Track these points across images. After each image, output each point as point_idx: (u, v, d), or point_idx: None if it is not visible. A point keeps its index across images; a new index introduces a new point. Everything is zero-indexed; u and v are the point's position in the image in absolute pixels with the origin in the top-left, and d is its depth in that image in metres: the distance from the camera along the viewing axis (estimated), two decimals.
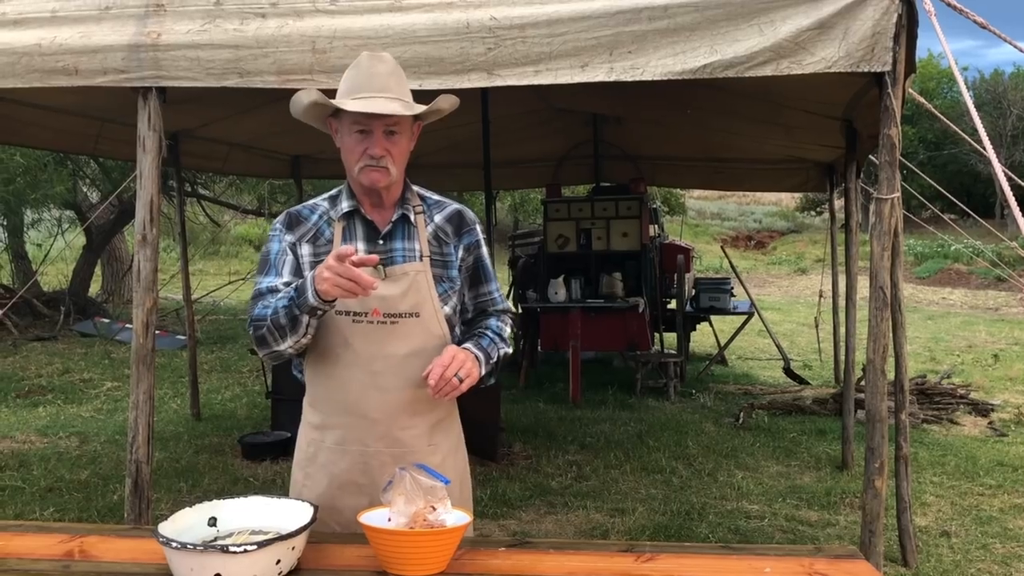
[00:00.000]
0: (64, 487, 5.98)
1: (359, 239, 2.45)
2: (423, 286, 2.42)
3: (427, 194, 2.57)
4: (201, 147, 8.01)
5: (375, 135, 2.34)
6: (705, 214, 43.33)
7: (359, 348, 2.40)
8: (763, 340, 12.78)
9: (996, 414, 8.45)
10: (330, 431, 2.49)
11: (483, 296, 2.60)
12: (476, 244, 2.55)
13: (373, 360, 2.41)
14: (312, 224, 2.48)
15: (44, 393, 9.28)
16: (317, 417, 2.52)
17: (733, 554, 2.23)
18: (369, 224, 2.46)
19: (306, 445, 2.56)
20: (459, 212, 2.56)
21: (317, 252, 2.44)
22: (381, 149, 2.35)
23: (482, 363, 2.40)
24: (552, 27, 3.24)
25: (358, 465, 2.44)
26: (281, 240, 2.48)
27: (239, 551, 1.96)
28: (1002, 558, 4.86)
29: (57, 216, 16.17)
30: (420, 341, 2.42)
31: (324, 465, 2.50)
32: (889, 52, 3.02)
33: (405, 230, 2.47)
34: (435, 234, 2.49)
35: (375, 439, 2.45)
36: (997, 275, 22.25)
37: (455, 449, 2.62)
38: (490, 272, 2.60)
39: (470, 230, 2.54)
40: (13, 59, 3.62)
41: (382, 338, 2.40)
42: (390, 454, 2.43)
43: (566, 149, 10.58)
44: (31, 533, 2.39)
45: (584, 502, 5.77)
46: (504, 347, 2.54)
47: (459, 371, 2.29)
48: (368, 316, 2.39)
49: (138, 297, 3.67)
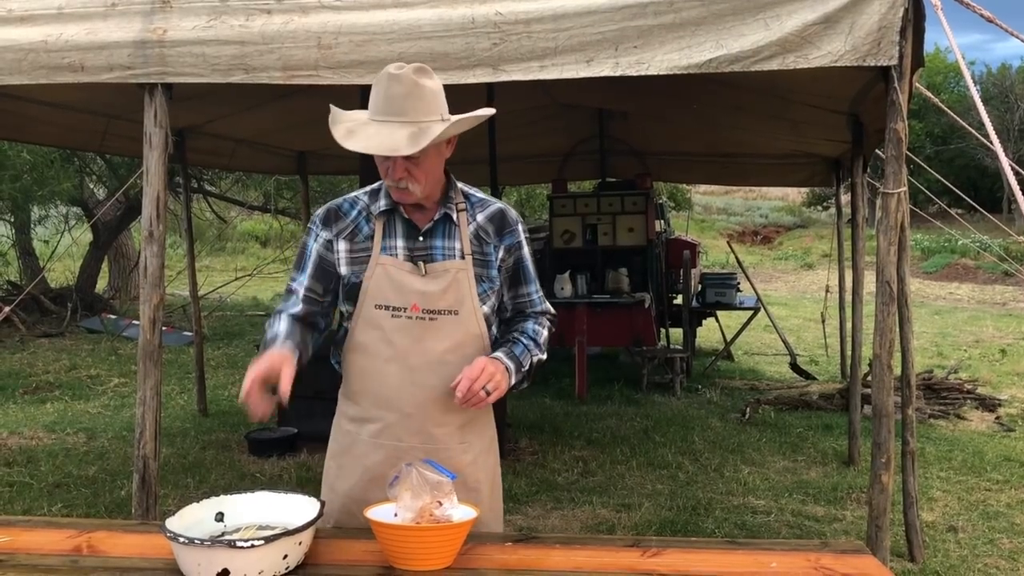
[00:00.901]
0: (72, 483, 6.00)
1: (399, 236, 2.45)
2: (464, 284, 2.43)
3: (471, 191, 2.56)
4: (207, 143, 8.02)
5: (394, 159, 2.31)
6: (711, 209, 43.25)
7: (397, 343, 2.42)
8: (769, 335, 12.77)
9: (1003, 409, 8.43)
10: (366, 424, 2.51)
11: (522, 297, 2.59)
12: (518, 245, 2.54)
13: (410, 355, 2.42)
14: (351, 220, 2.48)
15: (51, 389, 9.31)
16: (354, 409, 2.55)
17: (739, 549, 2.24)
18: (408, 222, 2.46)
19: (341, 436, 2.58)
20: (502, 212, 2.54)
21: (354, 249, 2.45)
22: (401, 173, 2.33)
23: (512, 373, 2.41)
24: (557, 22, 3.24)
25: (391, 459, 2.44)
26: (317, 237, 2.50)
27: (246, 546, 1.97)
28: (1009, 553, 4.85)
29: (64, 213, 16.21)
30: (458, 338, 2.43)
31: (358, 457, 2.52)
32: (895, 46, 3.01)
33: (447, 228, 2.47)
34: (476, 233, 2.48)
35: (410, 434, 2.46)
36: (1004, 270, 22.19)
37: (488, 449, 2.62)
38: (531, 273, 2.58)
39: (512, 231, 2.53)
40: (20, 55, 3.63)
41: (420, 334, 2.42)
42: (423, 450, 2.43)
43: (572, 145, 10.57)
44: (39, 528, 2.40)
45: (590, 497, 5.77)
46: (539, 353, 2.53)
47: (487, 384, 2.31)
48: (407, 311, 2.40)
49: (145, 293, 3.67)
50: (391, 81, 2.28)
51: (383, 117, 2.27)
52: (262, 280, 17.39)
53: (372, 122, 2.29)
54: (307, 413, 6.93)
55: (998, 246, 19.69)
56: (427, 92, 2.30)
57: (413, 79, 2.27)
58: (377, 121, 2.28)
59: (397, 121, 2.26)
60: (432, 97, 2.31)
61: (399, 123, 2.26)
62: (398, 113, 2.26)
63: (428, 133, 2.25)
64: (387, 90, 2.28)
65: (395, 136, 2.24)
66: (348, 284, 2.45)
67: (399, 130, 2.25)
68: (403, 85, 2.27)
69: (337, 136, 2.32)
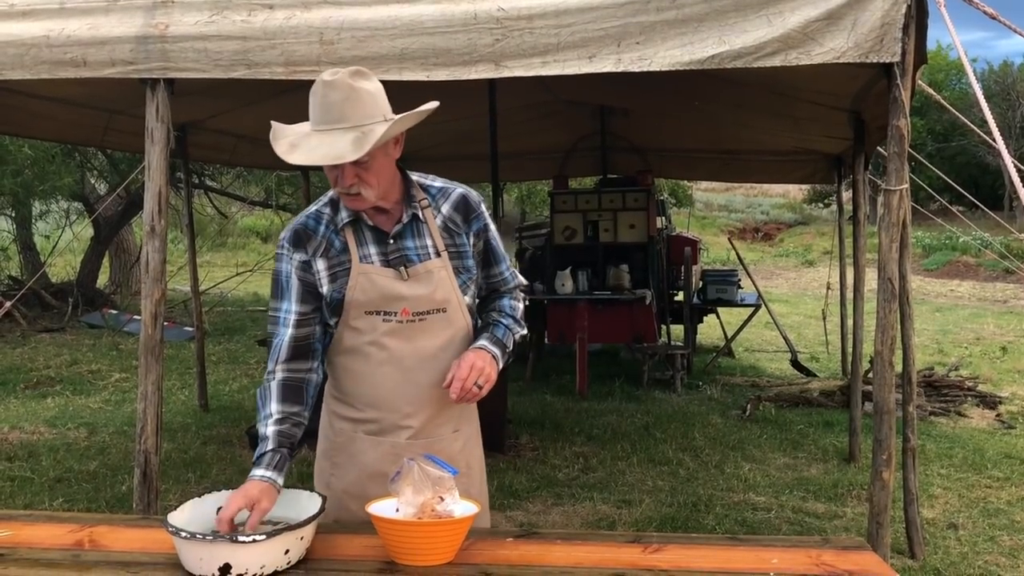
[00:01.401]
0: (73, 477, 6.01)
1: (370, 243, 2.42)
2: (446, 282, 2.43)
3: (428, 182, 2.51)
4: (209, 139, 8.02)
5: (343, 167, 2.26)
6: (712, 206, 43.23)
7: (391, 346, 2.42)
8: (770, 332, 12.77)
9: (1004, 406, 8.43)
10: (363, 424, 2.51)
11: (494, 277, 2.60)
12: (484, 228, 2.52)
13: (404, 357, 2.43)
14: (321, 236, 2.42)
15: (52, 384, 9.32)
16: (347, 410, 2.53)
17: (740, 545, 2.24)
18: (375, 228, 2.43)
19: (333, 435, 2.57)
20: (464, 198, 2.51)
21: (331, 265, 2.41)
22: (351, 179, 2.28)
23: (499, 359, 2.43)
24: (560, 18, 3.24)
25: (389, 456, 2.44)
26: (290, 261, 2.43)
27: (248, 541, 1.97)
28: (1009, 550, 4.85)
29: (65, 208, 16.21)
30: (448, 335, 2.45)
31: (354, 455, 2.51)
32: (898, 43, 3.01)
33: (414, 228, 2.44)
34: (445, 225, 2.47)
35: (408, 432, 2.47)
36: (1005, 267, 22.16)
37: (475, 434, 2.68)
38: (499, 253, 2.58)
39: (477, 215, 2.51)
40: (22, 51, 3.63)
41: (412, 335, 2.42)
42: (421, 444, 2.45)
43: (573, 141, 10.58)
44: (41, 523, 2.40)
45: (591, 494, 5.77)
46: (519, 329, 2.56)
47: (478, 379, 2.32)
48: (398, 316, 2.40)
49: (146, 288, 3.67)
50: (327, 88, 2.23)
51: (324, 126, 2.23)
52: (263, 275, 17.36)
53: (314, 133, 2.25)
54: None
55: (999, 243, 19.67)
56: (365, 94, 2.24)
57: (349, 83, 2.23)
58: (319, 131, 2.24)
59: (339, 128, 2.21)
60: (371, 99, 2.26)
61: (341, 130, 2.21)
62: (338, 120, 2.22)
63: (371, 136, 2.20)
64: (324, 98, 2.24)
65: (338, 144, 2.20)
66: (331, 300, 2.41)
67: (341, 137, 2.20)
68: (339, 91, 2.22)
69: (279, 152, 2.28)
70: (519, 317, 2.59)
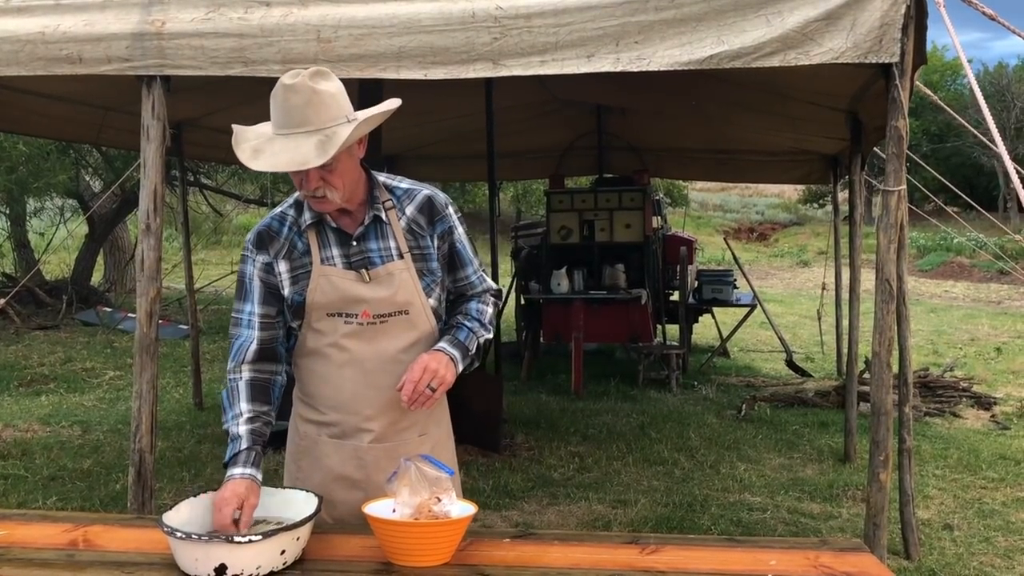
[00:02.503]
0: (67, 476, 5.99)
1: (332, 244, 2.41)
2: (408, 284, 2.41)
3: (394, 183, 2.49)
4: (204, 136, 7.99)
5: (307, 171, 2.24)
6: (707, 206, 43.29)
7: (351, 348, 2.41)
8: (765, 332, 12.76)
9: (998, 407, 8.44)
10: (325, 427, 2.50)
11: (461, 281, 2.55)
12: (449, 231, 2.48)
13: (365, 359, 2.41)
14: (284, 238, 2.42)
15: (46, 382, 9.29)
16: (311, 413, 2.52)
17: (738, 546, 2.24)
18: (338, 230, 2.41)
19: (299, 439, 2.57)
20: (429, 200, 2.46)
21: (294, 267, 2.41)
22: (316, 183, 2.26)
23: (458, 361, 2.38)
24: (558, 17, 3.23)
25: (352, 460, 2.45)
26: (254, 263, 2.43)
27: (244, 541, 1.96)
28: (1004, 551, 4.86)
29: (59, 205, 16.16)
30: (410, 337, 2.43)
31: (318, 459, 2.51)
32: (897, 43, 3.00)
33: (378, 229, 2.42)
34: (409, 228, 2.44)
35: (369, 435, 2.46)
36: (1000, 268, 22.19)
37: (446, 437, 2.65)
38: (465, 256, 2.52)
39: (442, 217, 2.47)
40: (17, 47, 3.60)
41: (373, 337, 2.41)
42: (383, 448, 2.45)
43: (570, 140, 10.57)
44: (35, 522, 2.39)
45: (586, 493, 5.77)
46: (484, 332, 2.50)
47: (431, 381, 2.29)
48: (358, 318, 2.39)
49: (142, 286, 3.66)
50: (287, 92, 2.20)
51: (286, 130, 2.20)
52: None
53: (277, 137, 2.22)
54: None
55: (994, 244, 19.70)
56: (327, 97, 2.21)
57: (310, 86, 2.19)
58: (282, 135, 2.21)
59: (302, 132, 2.19)
60: (333, 101, 2.23)
61: (304, 133, 2.18)
62: (300, 124, 2.19)
63: (335, 139, 2.18)
64: (285, 102, 2.21)
65: (302, 148, 2.17)
66: (292, 304, 2.41)
67: (305, 141, 2.18)
68: (300, 94, 2.19)
69: (243, 158, 2.25)
70: (486, 321, 2.52)
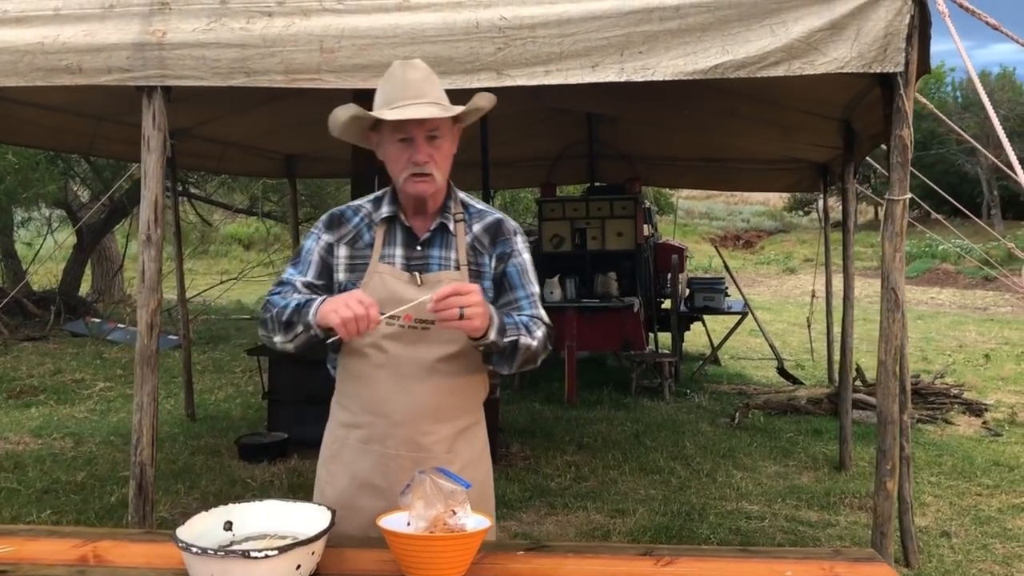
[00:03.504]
0: (60, 489, 5.93)
1: (398, 244, 2.45)
2: None
3: (471, 202, 2.55)
4: (197, 146, 7.97)
5: (417, 142, 2.33)
6: (693, 214, 43.38)
7: (390, 350, 2.40)
8: (755, 339, 12.80)
9: (989, 414, 8.49)
10: (355, 429, 2.49)
11: (511, 304, 2.48)
12: (509, 254, 2.49)
13: (403, 363, 2.40)
14: (353, 226, 2.49)
15: (36, 394, 9.22)
16: (344, 415, 2.53)
17: (752, 557, 2.23)
18: (408, 230, 2.46)
19: (331, 442, 2.57)
20: (499, 222, 2.52)
21: (354, 255, 2.46)
22: (425, 155, 2.34)
23: (494, 327, 2.27)
24: (562, 27, 3.22)
25: (379, 467, 2.43)
26: (319, 239, 2.50)
27: (260, 556, 1.94)
28: (1003, 558, 4.87)
29: (47, 215, 16.07)
30: (451, 348, 2.41)
31: (346, 463, 2.50)
32: (902, 53, 3.01)
33: (444, 239, 2.46)
34: (472, 244, 2.47)
35: (397, 441, 2.44)
36: (985, 275, 22.34)
37: (478, 459, 2.58)
38: (517, 280, 2.49)
39: (505, 240, 2.50)
40: (15, 57, 3.57)
41: (413, 342, 2.40)
42: (410, 458, 2.41)
43: (561, 148, 10.57)
44: (42, 538, 2.36)
45: (584, 503, 5.76)
46: (527, 336, 2.38)
47: (466, 307, 2.17)
48: (400, 320, 2.38)
49: (143, 297, 3.63)
50: (406, 68, 2.35)
51: (405, 101, 2.31)
52: (246, 284, 17.30)
53: (394, 108, 2.31)
54: (298, 418, 6.92)
55: (980, 249, 19.81)
56: (437, 79, 2.40)
57: (426, 66, 2.38)
58: (398, 107, 2.31)
59: (420, 102, 2.30)
60: (440, 86, 2.41)
61: (423, 103, 2.31)
62: (418, 95, 2.31)
63: (453, 108, 2.33)
64: (404, 77, 2.34)
65: (424, 109, 2.29)
66: (344, 290, 2.42)
67: (427, 107, 2.30)
68: (419, 70, 2.35)
69: (375, 111, 2.34)
70: (533, 330, 2.43)
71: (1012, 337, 14.33)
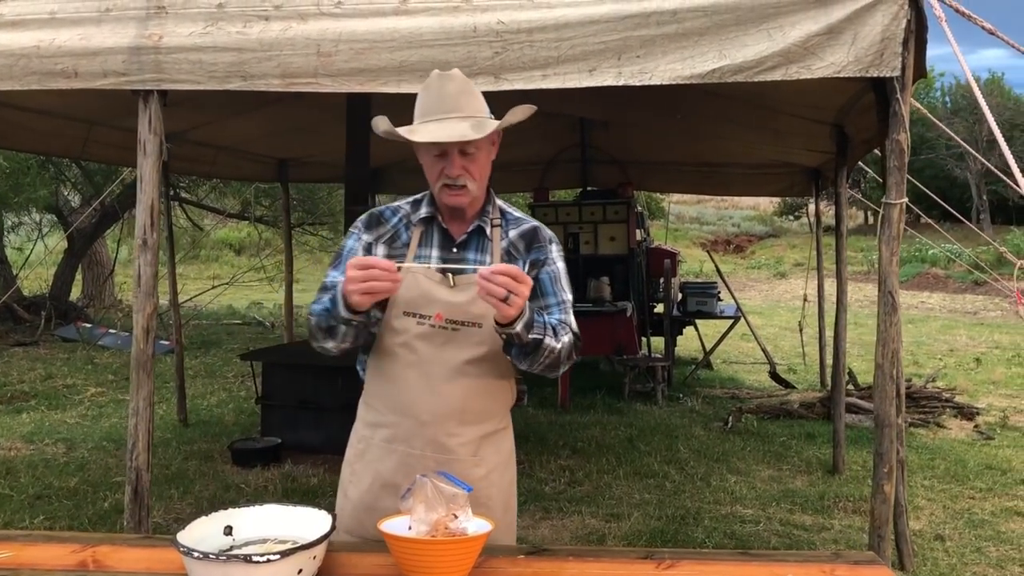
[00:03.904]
0: (53, 494, 5.90)
1: (434, 246, 2.47)
2: None
3: (509, 209, 2.57)
4: (189, 151, 7.93)
5: (451, 156, 2.34)
6: (684, 218, 43.50)
7: (420, 350, 2.40)
8: (747, 344, 12.83)
9: (981, 417, 8.52)
10: (380, 429, 2.49)
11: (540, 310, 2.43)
12: (543, 261, 2.50)
13: (430, 363, 2.40)
14: (391, 226, 2.51)
15: (27, 399, 9.16)
16: (370, 414, 2.53)
17: (753, 560, 2.23)
18: (445, 232, 2.47)
19: (356, 442, 2.57)
20: (535, 229, 2.54)
21: (391, 255, 2.45)
22: (458, 170, 2.35)
23: (522, 320, 2.22)
24: (560, 31, 3.23)
25: (403, 467, 2.42)
26: (359, 239, 2.51)
27: (262, 561, 1.93)
28: (996, 561, 4.89)
29: (38, 220, 16.00)
30: (480, 351, 2.41)
31: (371, 463, 2.50)
32: (898, 57, 3.03)
33: (480, 242, 2.48)
34: (508, 249, 2.48)
35: (422, 442, 2.43)
36: (975, 279, 22.43)
37: (504, 465, 2.57)
38: (548, 287, 2.48)
39: (540, 247, 2.51)
40: (11, 61, 3.57)
41: (442, 343, 2.40)
42: (435, 459, 2.41)
43: (553, 153, 10.57)
44: (40, 543, 2.35)
45: (579, 507, 5.75)
46: (551, 339, 2.34)
47: (512, 291, 2.13)
48: (431, 320, 2.38)
49: (139, 302, 3.62)
50: (443, 80, 2.36)
51: (439, 115, 2.33)
52: (237, 289, 17.26)
53: (429, 122, 2.33)
54: (291, 423, 6.90)
55: (970, 254, 19.89)
56: (477, 91, 2.41)
57: (463, 77, 2.39)
58: (434, 120, 2.32)
59: (455, 117, 2.32)
60: (480, 96, 2.41)
61: (457, 118, 2.32)
62: (453, 109, 2.32)
63: (487, 124, 2.33)
64: (441, 89, 2.35)
65: (458, 127, 2.30)
66: None
67: (459, 123, 2.31)
68: (456, 83, 2.36)
69: (402, 132, 2.35)
70: (559, 333, 2.39)
71: (1002, 341, 14.39)
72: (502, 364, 2.44)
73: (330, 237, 17.05)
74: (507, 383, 2.53)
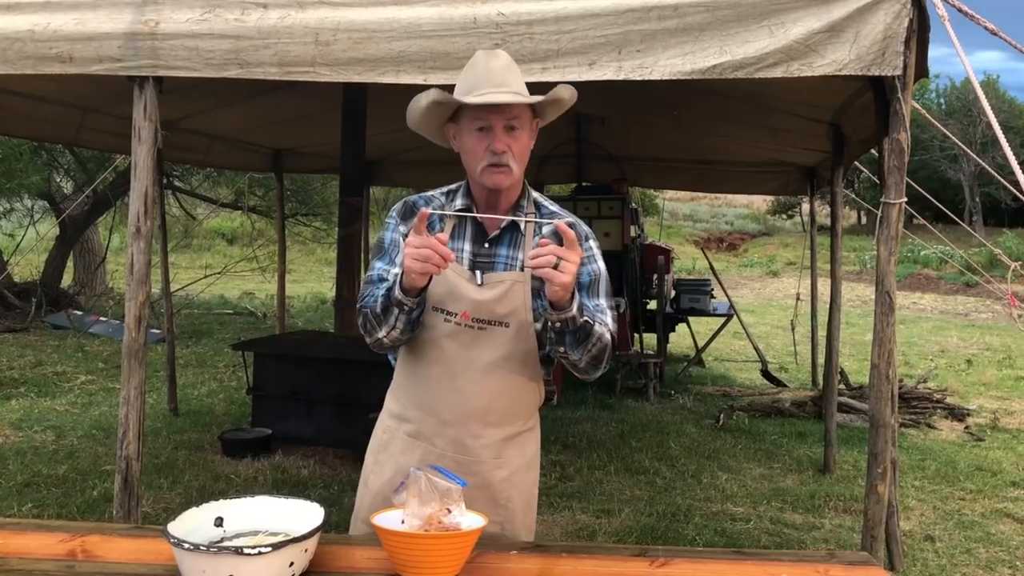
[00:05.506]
0: (41, 482, 5.87)
1: (467, 239, 2.42)
2: (518, 297, 2.36)
3: (544, 202, 2.51)
4: (183, 139, 7.88)
5: (496, 131, 2.30)
6: (677, 215, 43.53)
7: (445, 347, 2.37)
8: (739, 342, 12.84)
9: (972, 419, 8.53)
10: (404, 423, 2.48)
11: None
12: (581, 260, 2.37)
13: (455, 363, 2.37)
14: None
15: (16, 386, 9.11)
16: (396, 407, 2.51)
17: (747, 559, 2.22)
18: (479, 226, 2.42)
19: (382, 432, 2.55)
20: (570, 225, 2.41)
21: None
22: (503, 144, 2.30)
23: (576, 301, 2.18)
24: (560, 24, 3.21)
25: (425, 461, 2.39)
26: (395, 230, 2.46)
27: (253, 553, 1.92)
28: (987, 563, 4.89)
29: (30, 206, 15.92)
30: (505, 351, 2.37)
31: (394, 455, 2.48)
32: (900, 56, 3.01)
33: (513, 238, 2.42)
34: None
35: (444, 442, 2.42)
36: (967, 280, 22.49)
37: (527, 467, 2.55)
38: (583, 283, 2.39)
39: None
40: (4, 45, 3.53)
41: (468, 342, 2.36)
42: (455, 459, 2.39)
43: (548, 148, 10.55)
44: (29, 532, 2.32)
45: (570, 503, 5.75)
46: (601, 326, 2.29)
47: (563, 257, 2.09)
48: (457, 318, 2.35)
49: (131, 290, 3.59)
50: (489, 57, 2.35)
51: (487, 89, 2.28)
52: (229, 278, 17.20)
53: (475, 96, 2.29)
54: (282, 414, 6.88)
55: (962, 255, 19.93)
56: (519, 70, 2.39)
57: (507, 55, 2.37)
58: (481, 94, 2.28)
59: (501, 91, 2.28)
60: (522, 78, 2.39)
61: (503, 92, 2.28)
62: (500, 84, 2.29)
63: (534, 98, 2.32)
64: (487, 64, 2.33)
65: (506, 96, 2.28)
66: None
67: (508, 95, 2.28)
68: (501, 59, 2.34)
69: (457, 95, 2.32)
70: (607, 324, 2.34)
71: (993, 343, 14.43)
72: (529, 365, 2.41)
73: (323, 228, 17.00)
74: (534, 384, 2.48)
